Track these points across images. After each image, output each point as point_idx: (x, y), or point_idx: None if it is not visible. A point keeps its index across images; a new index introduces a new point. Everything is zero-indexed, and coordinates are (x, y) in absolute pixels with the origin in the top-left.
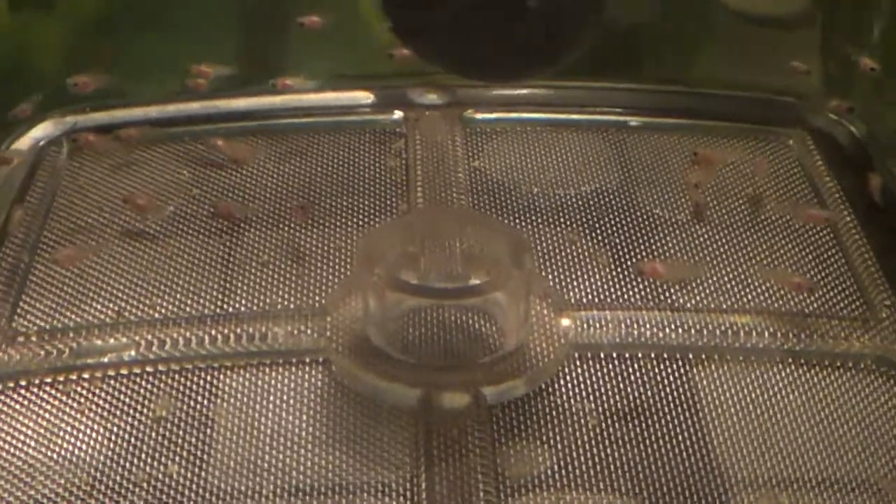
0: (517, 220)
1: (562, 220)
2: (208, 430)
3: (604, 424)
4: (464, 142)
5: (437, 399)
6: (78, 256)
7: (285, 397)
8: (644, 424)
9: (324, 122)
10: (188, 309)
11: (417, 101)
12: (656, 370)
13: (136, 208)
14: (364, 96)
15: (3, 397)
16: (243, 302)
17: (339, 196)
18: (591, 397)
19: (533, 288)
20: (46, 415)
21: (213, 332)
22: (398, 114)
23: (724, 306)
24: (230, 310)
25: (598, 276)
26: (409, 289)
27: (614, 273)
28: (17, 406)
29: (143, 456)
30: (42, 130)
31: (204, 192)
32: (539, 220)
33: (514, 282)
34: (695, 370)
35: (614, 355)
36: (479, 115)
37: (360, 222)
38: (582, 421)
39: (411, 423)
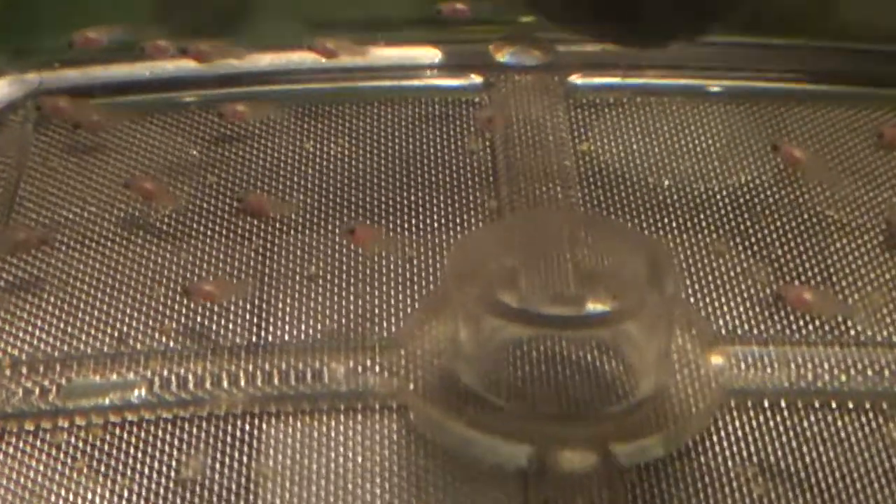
0: (642, 225)
1: (704, 223)
2: (249, 498)
3: (770, 494)
4: (568, 117)
5: (552, 459)
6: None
7: (348, 455)
8: (823, 495)
9: (377, 89)
10: (214, 336)
11: (503, 61)
12: (839, 423)
13: (143, 195)
14: (429, 54)
15: None
16: (287, 328)
17: (405, 189)
18: (753, 459)
19: (675, 316)
20: (24, 478)
21: (250, 367)
22: (477, 78)
23: None
24: (270, 339)
25: (756, 300)
26: (515, 315)
27: (778, 296)
28: None
29: None
30: None
31: (222, 179)
32: (673, 225)
33: (650, 309)
34: (891, 424)
35: (782, 404)
36: (588, 81)
37: (437, 225)
38: (742, 490)
39: (519, 490)
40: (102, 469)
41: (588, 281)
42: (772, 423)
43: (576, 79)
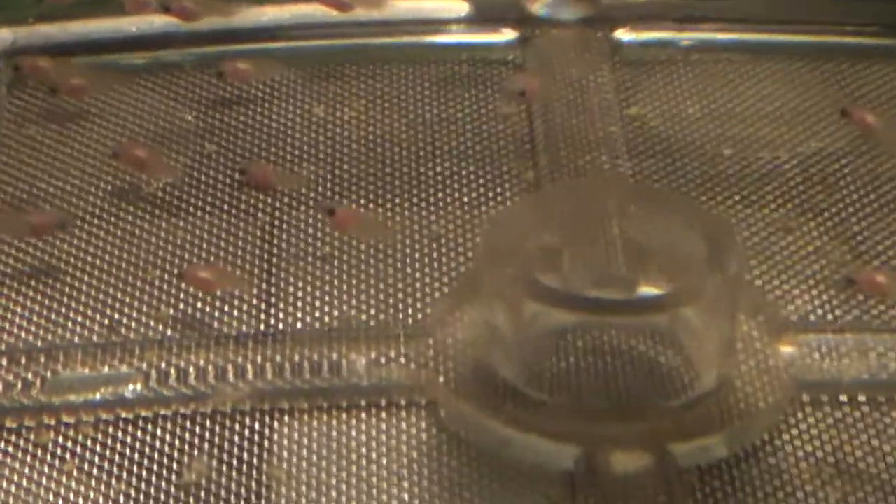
0: (699, 198)
1: (769, 197)
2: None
3: (848, 498)
4: (614, 77)
5: (602, 461)
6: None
7: (371, 457)
8: None
9: (396, 47)
10: (217, 324)
11: (539, 14)
12: None
13: (134, 165)
14: (456, 6)
15: None
16: (300, 315)
17: (429, 159)
18: (828, 459)
19: (740, 301)
20: (4, 481)
21: (259, 358)
22: (510, 34)
23: None
24: (281, 326)
25: (830, 283)
26: (558, 299)
27: (848, 279)
28: None
29: None
30: None
31: (222, 148)
32: (735, 199)
33: (711, 291)
34: None
35: (860, 398)
36: (637, 37)
37: (467, 199)
38: (817, 494)
39: (564, 496)
40: (94, 472)
41: (639, 260)
42: (850, 420)
43: (622, 34)
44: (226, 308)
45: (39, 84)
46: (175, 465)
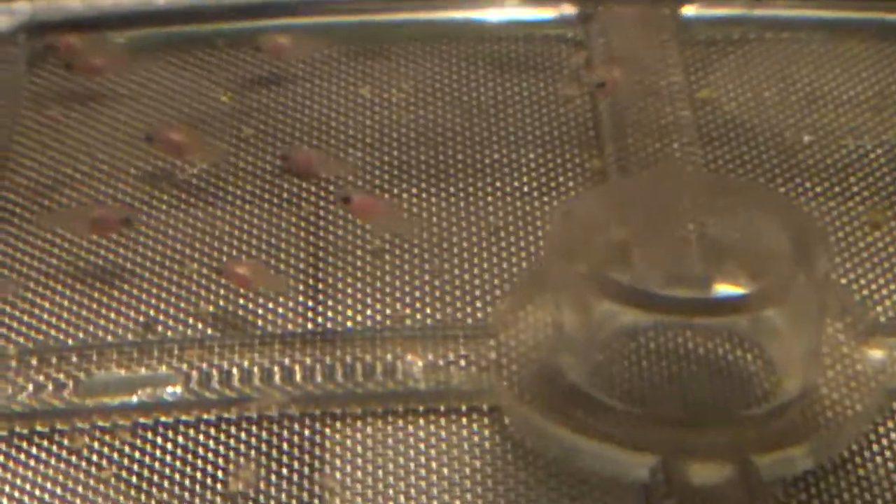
0: (778, 188)
1: (855, 188)
2: None
3: None
4: (682, 58)
5: (680, 472)
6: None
7: (430, 466)
8: None
9: (448, 23)
10: (261, 322)
11: None
12: None
13: (171, 150)
14: None
15: None
16: (350, 313)
17: (485, 145)
18: None
19: (827, 302)
20: (37, 489)
21: (307, 360)
22: (570, 9)
23: None
24: (330, 326)
25: None
26: (633, 298)
27: None
28: None
29: None
30: None
31: (261, 132)
32: (816, 190)
33: (798, 292)
34: None
35: None
36: (706, 13)
37: (527, 189)
38: None
39: None
40: (133, 480)
41: (717, 257)
42: None
43: (691, 10)
44: (270, 305)
45: (72, 61)
46: (220, 474)
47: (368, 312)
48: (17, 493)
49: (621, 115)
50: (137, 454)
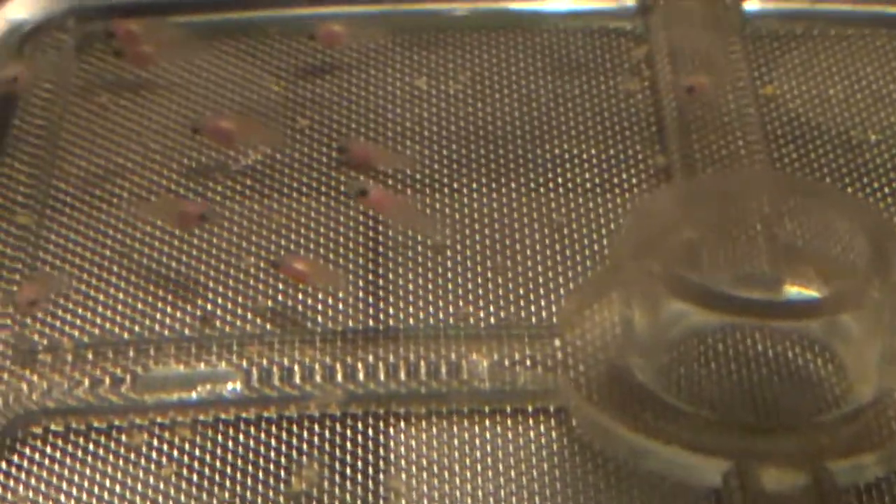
0: (844, 187)
1: None
2: None
3: None
4: (746, 53)
5: (753, 477)
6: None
7: (496, 468)
8: None
9: (506, 14)
10: (321, 318)
11: None
12: None
13: (219, 139)
14: None
15: (19, 453)
16: (412, 311)
17: (545, 139)
18: None
19: None
20: (95, 486)
21: (370, 358)
22: (630, 1)
23: None
24: (392, 323)
25: None
26: (707, 298)
27: None
28: (44, 466)
29: None
30: (23, 8)
31: (316, 123)
32: (884, 190)
33: (873, 297)
34: None
35: None
36: (769, 7)
37: (590, 186)
38: None
39: None
40: (194, 478)
41: (787, 258)
42: None
43: (754, 4)
44: (329, 301)
45: (116, 50)
46: (282, 473)
47: (431, 310)
48: (74, 491)
49: (685, 111)
50: (198, 452)
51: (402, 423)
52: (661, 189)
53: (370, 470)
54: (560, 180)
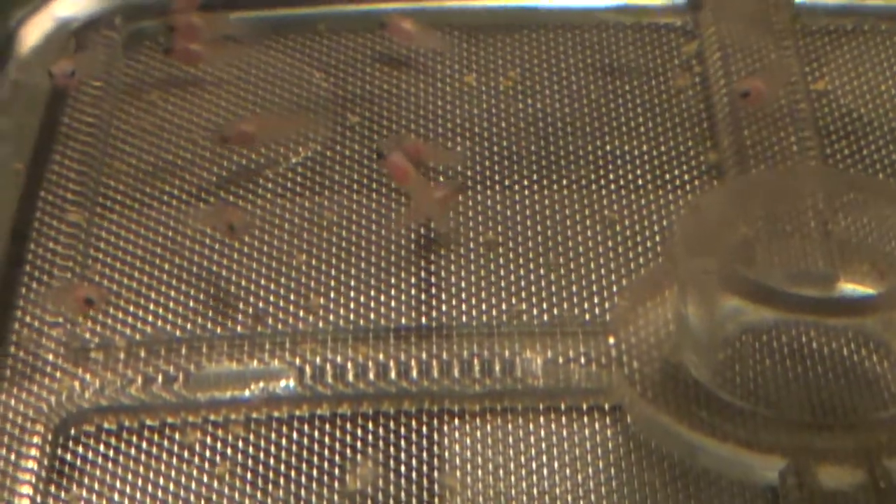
0: None
1: None
2: None
3: None
4: (797, 48)
5: (810, 475)
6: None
7: (551, 465)
8: None
9: (555, 11)
10: (373, 315)
11: None
12: None
13: (244, 143)
14: None
15: (72, 451)
16: (465, 308)
17: (596, 136)
18: None
19: None
20: (149, 484)
21: (423, 355)
22: None
23: None
24: (445, 320)
25: None
26: (764, 295)
27: None
28: (97, 465)
29: None
30: (71, 6)
31: (366, 119)
32: None
33: None
34: None
35: None
36: (823, 1)
37: (642, 182)
38: None
39: None
40: (248, 477)
41: (842, 255)
42: None
43: None
44: (382, 298)
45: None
46: (337, 471)
47: (483, 307)
48: (128, 490)
49: (736, 107)
50: (251, 450)
51: (456, 421)
52: (714, 186)
53: (424, 468)
54: (612, 177)
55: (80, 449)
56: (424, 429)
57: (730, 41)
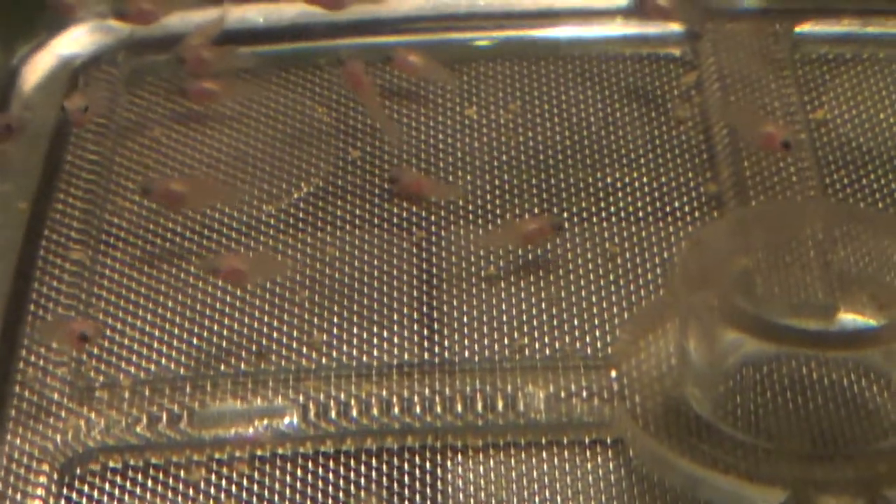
0: None
1: None
2: None
3: None
4: (795, 77)
5: None
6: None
7: (554, 500)
8: None
9: (553, 41)
10: (376, 351)
11: (713, 4)
12: None
13: (170, 201)
14: None
15: (78, 491)
16: (467, 343)
17: (596, 168)
18: None
19: None
20: None
21: (426, 391)
22: (678, 26)
23: None
24: (447, 355)
25: None
26: (764, 329)
27: None
28: None
29: None
30: (73, 42)
31: (367, 154)
32: None
33: None
34: None
35: None
36: (821, 30)
37: (642, 214)
38: None
39: None
40: None
41: (842, 286)
42: None
43: (805, 27)
44: (384, 334)
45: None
46: None
47: (485, 342)
48: None
49: (735, 138)
50: (256, 487)
51: (460, 456)
52: (714, 218)
53: (428, 503)
54: (612, 209)
55: (86, 488)
56: (428, 464)
57: (728, 71)
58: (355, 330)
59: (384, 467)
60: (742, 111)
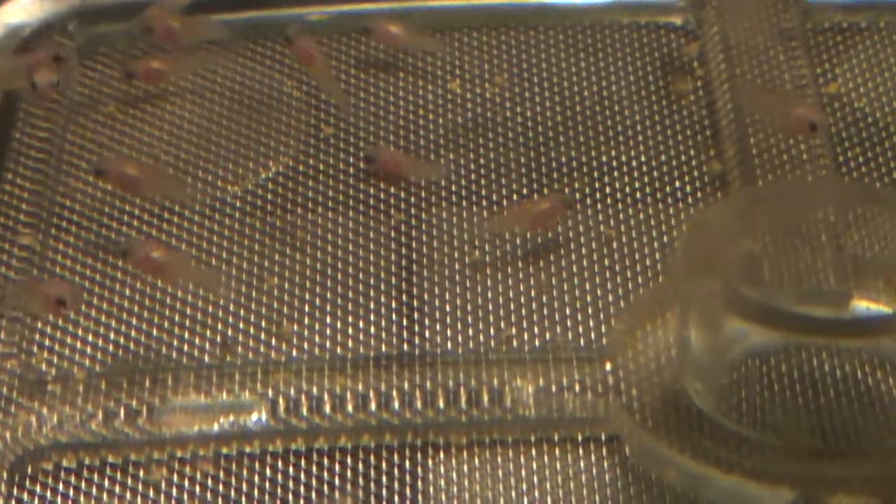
0: None
1: None
2: None
3: None
4: (807, 49)
5: None
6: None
7: (544, 500)
8: None
9: (545, 9)
10: (351, 342)
11: None
12: None
13: (125, 185)
14: None
15: (29, 491)
16: (450, 334)
17: (590, 146)
18: None
19: None
20: None
21: (405, 385)
22: None
23: None
24: (428, 347)
25: None
26: (770, 317)
27: None
28: None
29: None
30: (21, 10)
31: (341, 131)
32: None
33: None
34: None
35: None
36: None
37: (640, 196)
38: None
39: None
40: None
41: (855, 272)
42: None
43: None
44: (360, 324)
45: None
46: None
47: (470, 332)
48: None
49: (741, 113)
50: (221, 488)
51: (441, 455)
52: (717, 199)
53: None
54: (608, 190)
55: (38, 488)
56: (407, 463)
57: (734, 42)
58: (328, 319)
59: (360, 467)
60: (758, 90)
